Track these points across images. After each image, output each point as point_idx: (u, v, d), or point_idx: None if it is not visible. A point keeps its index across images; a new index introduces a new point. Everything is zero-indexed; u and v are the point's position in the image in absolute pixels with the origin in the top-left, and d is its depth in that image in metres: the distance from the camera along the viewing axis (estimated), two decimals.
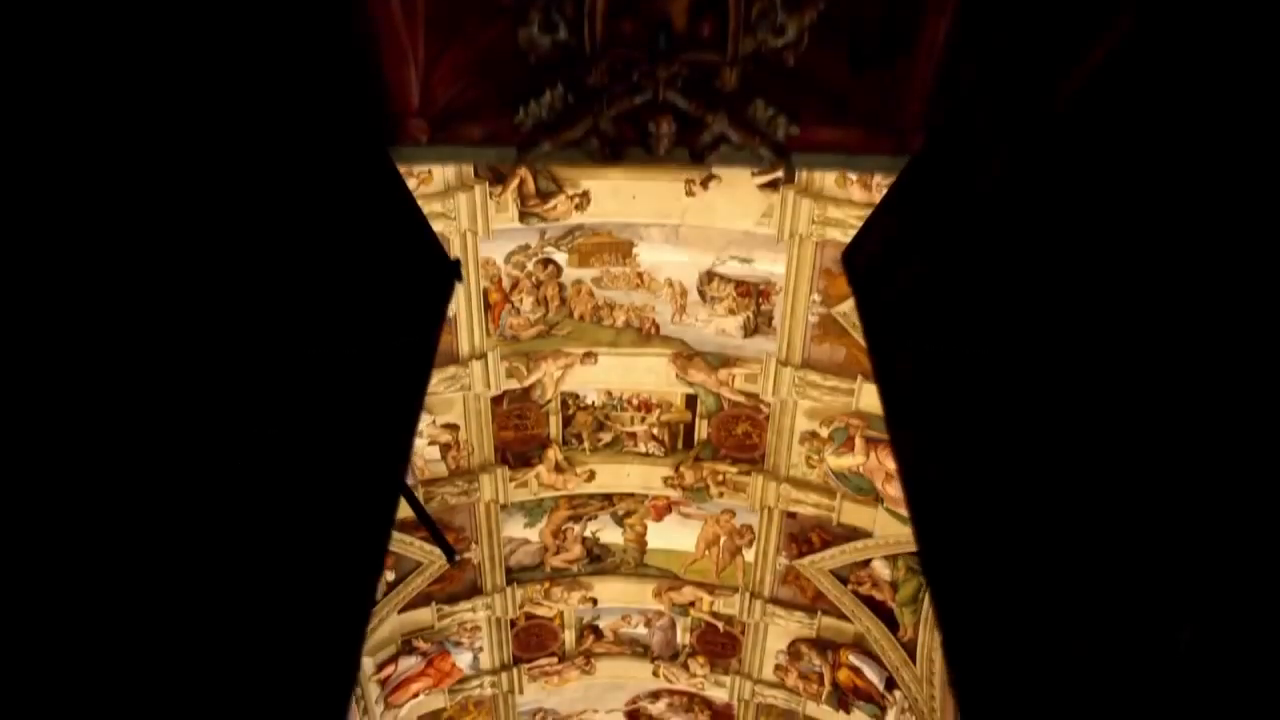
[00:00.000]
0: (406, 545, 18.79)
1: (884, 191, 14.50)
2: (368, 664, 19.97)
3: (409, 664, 20.81)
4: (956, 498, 2.47)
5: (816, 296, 15.66)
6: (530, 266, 15.95)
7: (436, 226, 15.22)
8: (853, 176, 14.55)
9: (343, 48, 4.80)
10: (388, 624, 19.57)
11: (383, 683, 20.64)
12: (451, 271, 3.40)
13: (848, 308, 15.53)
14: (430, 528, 7.46)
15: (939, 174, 3.29)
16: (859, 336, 15.72)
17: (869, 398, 16.29)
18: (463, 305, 15.90)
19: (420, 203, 14.86)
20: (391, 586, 19.22)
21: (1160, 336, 2.28)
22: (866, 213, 14.78)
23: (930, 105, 5.14)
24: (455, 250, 15.35)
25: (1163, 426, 2.18)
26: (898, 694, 19.81)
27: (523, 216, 15.30)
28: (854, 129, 5.36)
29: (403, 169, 14.42)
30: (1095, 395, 2.30)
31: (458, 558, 13.03)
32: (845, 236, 14.96)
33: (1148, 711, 2.03)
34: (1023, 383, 2.46)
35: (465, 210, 15.00)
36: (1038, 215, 2.78)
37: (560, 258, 15.92)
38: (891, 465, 16.88)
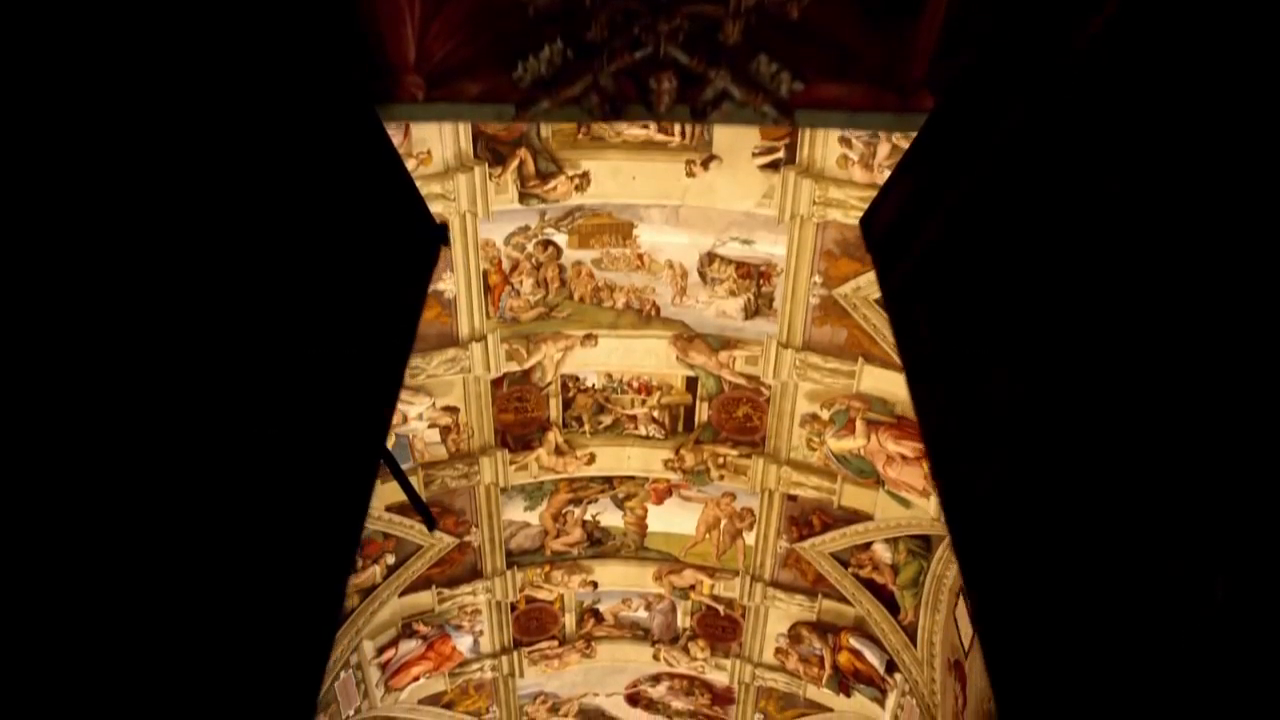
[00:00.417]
0: (406, 529, 18.75)
1: (886, 172, 14.43)
2: (368, 647, 19.93)
3: (409, 647, 20.78)
4: (978, 452, 2.39)
5: (818, 278, 15.58)
6: (530, 248, 15.87)
7: (435, 208, 15.15)
8: (854, 157, 14.46)
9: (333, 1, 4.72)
10: (388, 607, 19.53)
11: (383, 666, 20.61)
12: (438, 236, 3.30)
13: (849, 290, 15.45)
14: (409, 492, 7.35)
15: (955, 129, 3.21)
16: (860, 319, 15.64)
17: (870, 380, 16.22)
18: (462, 287, 15.82)
19: (419, 184, 14.78)
20: (391, 570, 19.18)
21: (1186, 282, 2.20)
22: (868, 194, 14.72)
23: (936, 62, 5.06)
24: (455, 232, 15.27)
25: (1190, 375, 2.10)
26: (898, 677, 19.77)
27: (522, 198, 15.21)
28: (859, 85, 5.25)
29: (402, 150, 14.31)
30: (1122, 344, 2.23)
31: (438, 527, 12.82)
32: (846, 218, 14.88)
33: (1184, 666, 1.95)
34: (1045, 333, 2.37)
35: (465, 191, 14.90)
36: (1056, 166, 2.70)
37: (560, 239, 15.84)
38: (892, 448, 16.82)
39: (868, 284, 15.28)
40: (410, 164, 14.52)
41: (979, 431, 2.51)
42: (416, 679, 21.54)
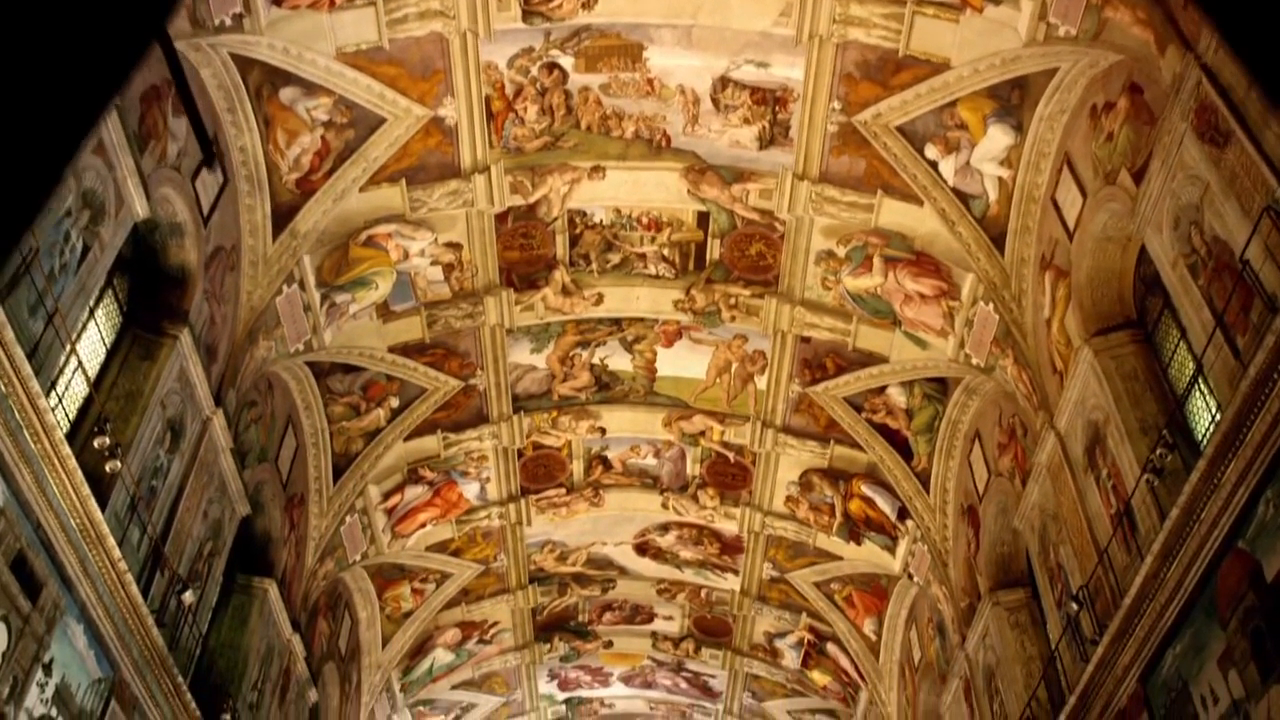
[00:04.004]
0: (410, 371, 18.36)
1: None
2: (373, 492, 19.72)
3: (415, 493, 20.59)
4: None
5: (836, 104, 14.79)
6: (535, 71, 15.06)
7: (434, 26, 14.32)
8: None
9: None
10: (393, 451, 19.26)
11: (389, 512, 20.45)
12: None
13: (869, 116, 14.67)
14: (189, 107, 6.52)
15: None
16: (880, 147, 14.89)
17: (889, 214, 15.56)
18: (463, 113, 15.07)
19: None
20: (396, 413, 18.85)
21: None
22: (892, 10, 13.82)
23: None
24: (455, 53, 14.47)
25: None
26: (910, 524, 19.54)
27: (526, 16, 14.35)
28: None
29: None
30: None
31: (216, 164, 11.99)
32: (869, 38, 14.00)
33: None
34: None
35: (464, 8, 14.05)
36: None
37: (566, 62, 15.01)
38: (910, 286, 16.18)
39: (889, 110, 14.49)
40: None
41: None
42: (423, 526, 21.42)
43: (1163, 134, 10.74)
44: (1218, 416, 10.32)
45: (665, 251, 17.51)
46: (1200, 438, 11.24)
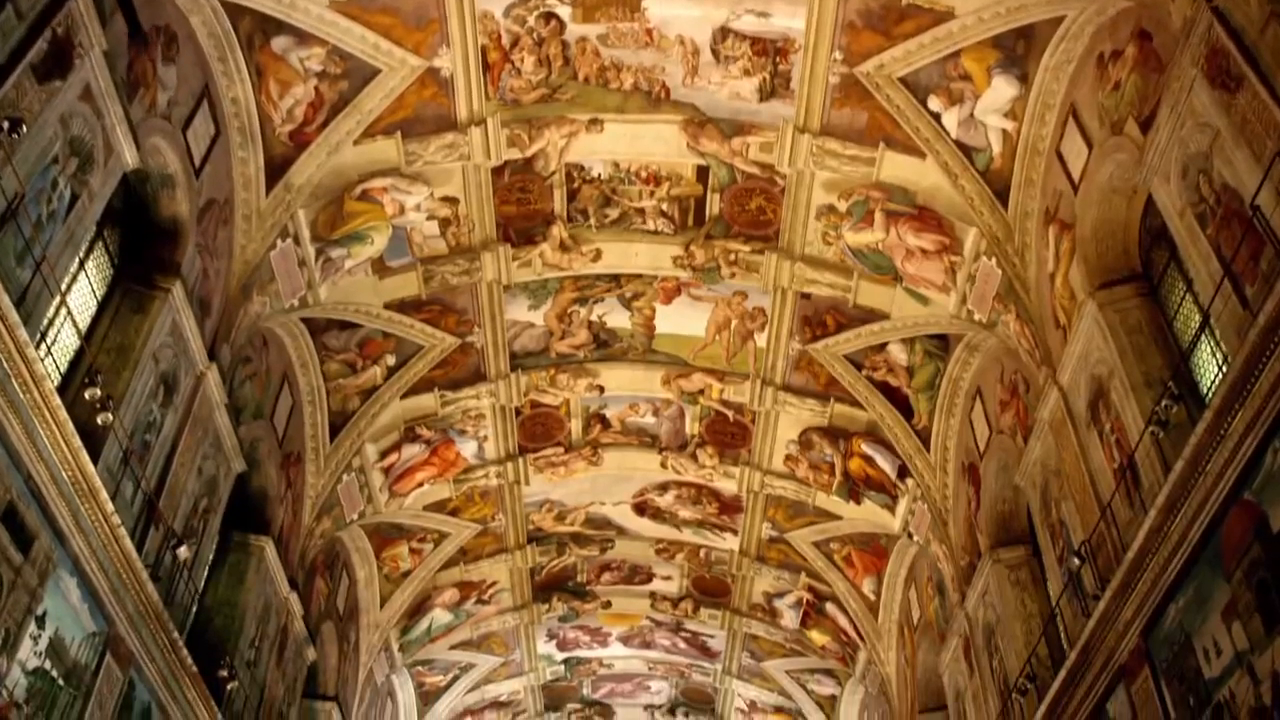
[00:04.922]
0: (406, 328, 18.17)
1: None
2: (370, 451, 19.59)
3: (412, 452, 20.45)
4: None
5: (838, 54, 14.51)
6: (531, 21, 14.76)
7: None
8: None
9: None
10: (389, 410, 19.11)
11: (386, 471, 20.32)
12: None
13: (871, 67, 14.40)
14: None
15: None
16: (882, 99, 14.62)
17: (891, 168, 15.32)
18: (459, 65, 14.79)
19: None
20: (392, 371, 18.68)
21: None
22: None
23: None
24: (450, 1, 14.18)
25: None
26: (910, 482, 19.41)
27: None
28: None
29: None
30: None
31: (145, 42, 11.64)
32: None
33: None
34: None
35: None
36: None
37: (563, 12, 14.71)
38: (912, 241, 15.96)
39: (891, 61, 14.21)
40: None
41: None
42: (421, 485, 21.29)
43: (1172, 80, 10.52)
44: (1224, 367, 10.17)
45: (664, 206, 17.29)
46: (1206, 390, 11.10)
